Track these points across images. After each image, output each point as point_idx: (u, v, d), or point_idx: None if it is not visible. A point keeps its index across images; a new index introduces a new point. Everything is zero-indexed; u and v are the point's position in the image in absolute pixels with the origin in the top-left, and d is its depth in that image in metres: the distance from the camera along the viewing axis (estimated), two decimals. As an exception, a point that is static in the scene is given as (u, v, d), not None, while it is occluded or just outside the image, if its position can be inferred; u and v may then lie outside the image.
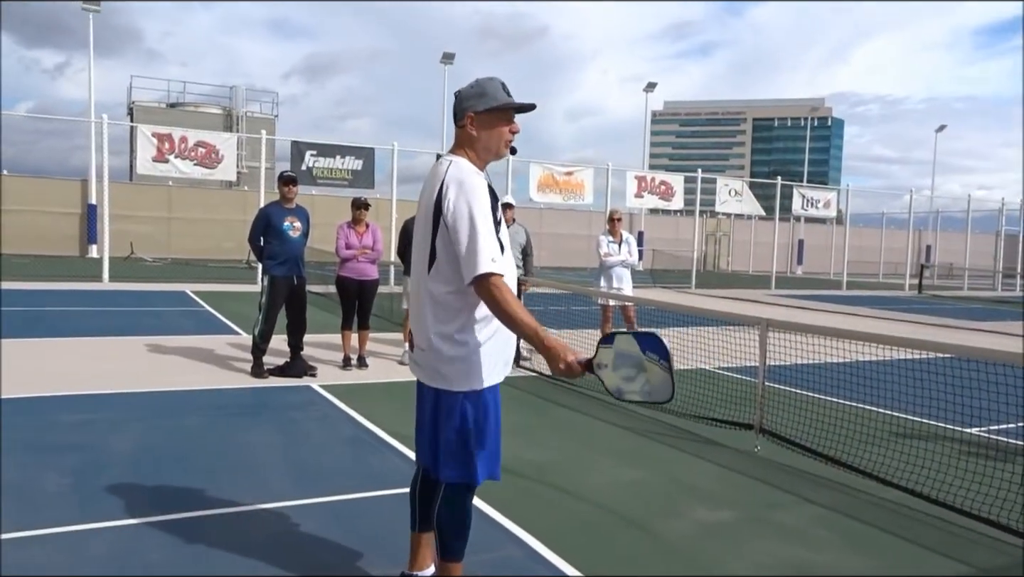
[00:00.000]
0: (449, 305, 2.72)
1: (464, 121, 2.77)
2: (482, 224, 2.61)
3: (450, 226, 2.65)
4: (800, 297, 22.15)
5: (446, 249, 2.69)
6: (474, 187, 2.66)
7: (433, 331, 2.74)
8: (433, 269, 2.74)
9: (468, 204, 2.62)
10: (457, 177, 2.69)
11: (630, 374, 2.56)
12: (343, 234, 8.23)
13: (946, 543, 3.95)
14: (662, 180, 25.49)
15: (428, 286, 2.75)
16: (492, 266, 2.58)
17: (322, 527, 3.82)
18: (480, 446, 2.79)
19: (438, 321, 2.74)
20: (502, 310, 2.58)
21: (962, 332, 14.19)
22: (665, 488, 4.71)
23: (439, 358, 2.74)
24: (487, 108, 2.75)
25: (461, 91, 2.82)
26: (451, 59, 29.14)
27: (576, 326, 10.73)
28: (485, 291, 2.59)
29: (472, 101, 2.76)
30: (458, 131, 2.81)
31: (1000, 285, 32.98)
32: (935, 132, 43.18)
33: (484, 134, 2.77)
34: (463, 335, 2.72)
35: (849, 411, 6.50)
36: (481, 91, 2.76)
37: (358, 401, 6.61)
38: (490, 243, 2.61)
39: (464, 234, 2.60)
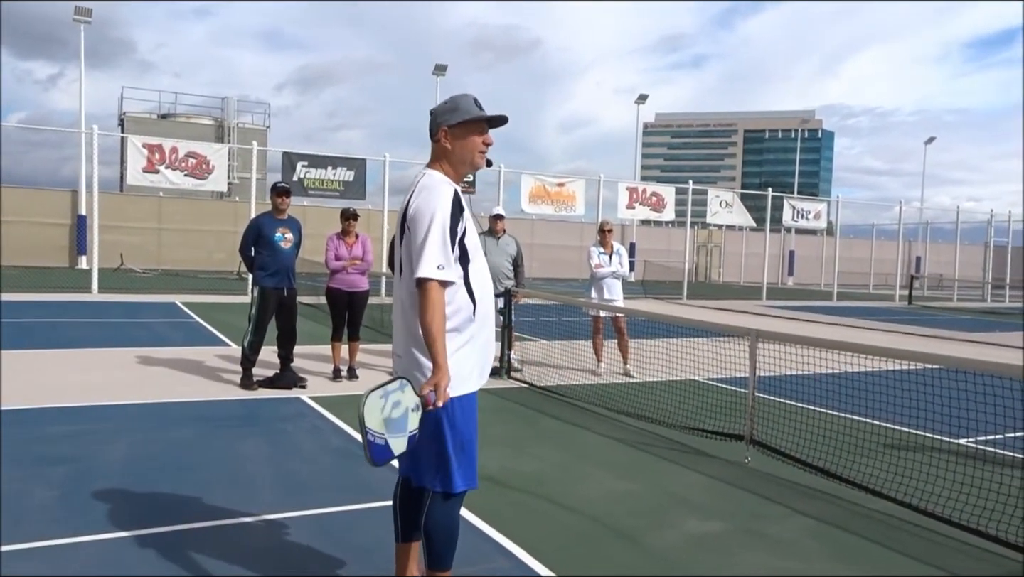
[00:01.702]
0: (415, 312, 2.76)
1: (438, 135, 2.88)
2: (436, 229, 2.68)
3: (410, 229, 2.74)
4: (791, 308, 22.22)
5: (407, 255, 2.78)
6: (439, 195, 2.75)
7: (409, 338, 2.81)
8: (403, 275, 2.83)
9: (428, 209, 2.71)
10: (425, 185, 2.80)
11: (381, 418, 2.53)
12: (332, 245, 8.22)
13: (933, 553, 3.96)
14: (653, 191, 25.57)
15: (403, 293, 2.84)
16: (436, 272, 2.65)
17: (311, 539, 3.80)
18: (458, 453, 2.80)
19: (412, 328, 2.79)
20: (423, 318, 2.64)
21: (952, 343, 14.25)
22: (656, 499, 4.70)
23: (415, 365, 2.78)
24: (459, 121, 2.86)
25: (435, 108, 2.95)
26: (444, 71, 29.26)
27: (567, 337, 10.74)
28: (421, 294, 2.66)
29: (445, 116, 2.88)
30: (433, 145, 2.93)
31: (989, 296, 33.15)
32: (925, 144, 43.61)
33: (457, 146, 2.88)
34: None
35: (839, 422, 6.51)
36: (454, 106, 2.88)
37: (348, 413, 6.58)
38: (440, 249, 2.67)
39: (419, 239, 2.69)
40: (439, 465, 2.80)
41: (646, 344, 9.42)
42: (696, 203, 26.40)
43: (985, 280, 34.15)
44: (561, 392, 7.81)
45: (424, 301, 2.66)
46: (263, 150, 24.38)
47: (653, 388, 7.82)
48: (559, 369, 9.02)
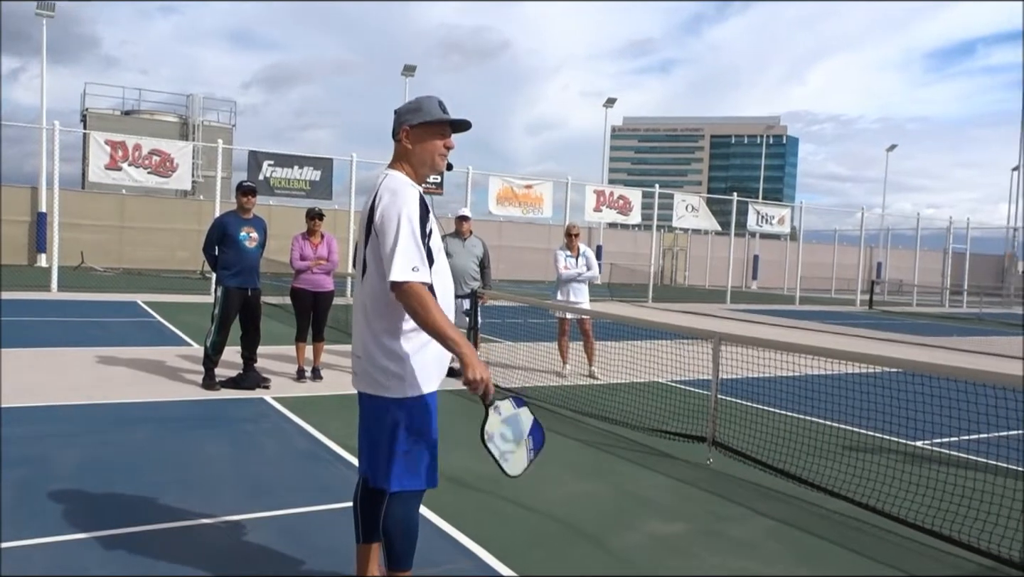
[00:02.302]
0: (382, 312, 2.77)
1: (400, 135, 2.88)
2: (406, 232, 2.68)
3: (378, 233, 2.73)
4: (755, 312, 22.49)
5: (374, 256, 2.76)
6: (405, 197, 2.74)
7: (368, 339, 2.81)
8: (365, 277, 2.81)
9: (396, 212, 2.70)
10: (390, 187, 2.78)
11: (508, 448, 2.87)
12: (298, 245, 8.16)
13: (890, 554, 4.03)
14: (621, 195, 25.75)
15: (363, 293, 2.83)
16: (411, 275, 2.64)
17: (272, 541, 3.76)
18: (417, 453, 2.81)
19: (372, 329, 2.79)
20: (421, 317, 2.65)
21: (910, 347, 14.54)
22: (619, 501, 4.73)
23: (374, 366, 2.79)
24: (421, 122, 2.85)
25: (399, 108, 2.94)
26: (412, 72, 29.17)
27: (533, 338, 10.76)
28: (404, 298, 2.66)
29: (408, 116, 2.87)
30: (396, 145, 2.92)
31: (947, 301, 33.87)
32: (887, 151, 44.41)
33: (418, 147, 2.87)
34: (396, 342, 2.77)
35: (800, 424, 6.60)
36: (417, 106, 2.88)
37: (312, 414, 6.53)
38: (412, 251, 2.67)
39: (389, 242, 2.68)
40: (397, 465, 2.80)
41: (611, 346, 9.47)
42: (662, 207, 26.61)
43: (944, 286, 34.89)
44: (526, 394, 7.80)
45: (411, 303, 2.64)
46: (229, 148, 24.11)
47: (617, 390, 7.87)
48: (524, 371, 9.03)
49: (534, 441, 2.88)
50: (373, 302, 2.79)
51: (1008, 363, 12.34)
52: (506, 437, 2.84)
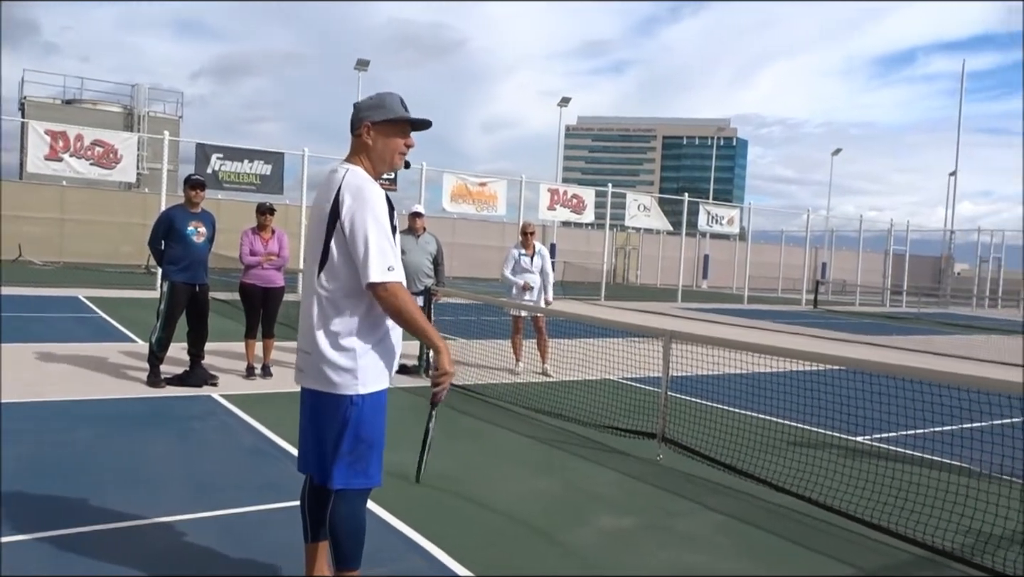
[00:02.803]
0: (337, 307, 2.76)
1: (360, 130, 2.86)
2: (380, 232, 2.70)
3: (348, 232, 2.71)
4: (705, 310, 22.84)
5: (341, 252, 2.74)
6: (372, 194, 2.74)
7: (320, 334, 2.78)
8: (324, 270, 2.78)
9: (367, 211, 2.70)
10: (355, 184, 2.76)
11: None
12: (247, 240, 8.03)
13: (832, 546, 4.14)
14: (574, 193, 25.89)
15: (318, 287, 2.80)
16: (388, 275, 2.68)
17: (219, 541, 3.70)
18: (364, 450, 2.80)
19: (325, 324, 2.77)
20: (404, 316, 2.73)
21: (854, 346, 14.92)
22: (570, 497, 4.76)
23: (325, 362, 2.76)
24: (383, 119, 2.84)
25: (360, 102, 2.92)
26: (366, 66, 28.89)
27: (487, 336, 10.77)
28: (384, 298, 2.69)
29: (369, 112, 2.86)
30: (354, 140, 2.90)
31: (888, 301, 34.84)
32: (832, 155, 45.47)
33: (379, 144, 2.86)
34: (349, 339, 2.76)
35: (747, 421, 6.73)
36: (379, 103, 2.86)
37: (261, 411, 6.44)
38: (387, 251, 2.71)
39: (362, 242, 2.68)
40: (344, 463, 2.78)
41: (565, 344, 9.53)
42: (615, 206, 26.84)
43: (885, 286, 35.88)
44: (479, 391, 7.82)
45: (391, 302, 2.70)
46: (175, 140, 23.58)
47: (570, 387, 7.92)
48: (477, 368, 9.03)
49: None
50: (332, 297, 2.76)
51: (946, 361, 12.76)
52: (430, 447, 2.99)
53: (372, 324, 2.79)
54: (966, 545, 4.09)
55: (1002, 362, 13.15)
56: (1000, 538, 4.21)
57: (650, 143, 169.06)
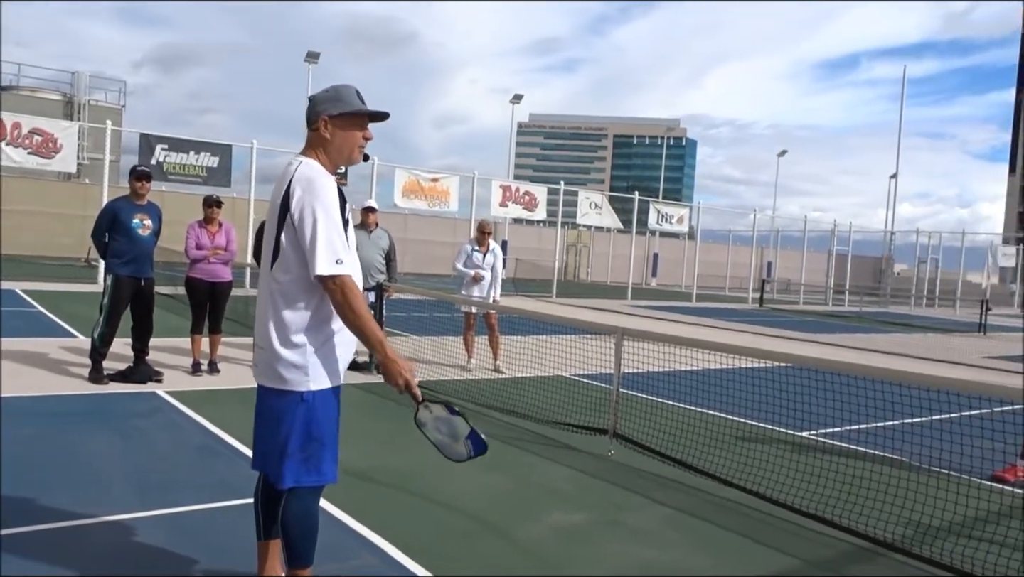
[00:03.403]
0: (289, 302, 2.72)
1: (317, 124, 2.82)
2: (329, 224, 2.65)
3: (297, 224, 2.67)
4: (654, 308, 23.13)
5: (291, 246, 2.70)
6: (323, 187, 2.70)
7: (273, 330, 2.74)
8: (276, 265, 2.74)
9: (316, 203, 2.66)
10: (306, 176, 2.72)
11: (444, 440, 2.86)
12: (194, 233, 7.87)
13: (779, 539, 4.24)
14: (526, 191, 25.94)
15: (271, 283, 2.76)
16: (337, 268, 2.64)
17: (167, 540, 3.62)
18: (317, 448, 2.77)
19: (278, 319, 2.74)
20: (347, 312, 2.65)
21: (799, 343, 15.27)
22: (522, 492, 4.79)
23: (277, 357, 2.73)
24: (341, 113, 2.80)
25: (316, 95, 2.87)
26: (316, 58, 28.51)
27: (439, 332, 10.74)
28: (333, 291, 2.64)
29: (326, 105, 2.81)
30: (310, 134, 2.85)
31: (831, 300, 35.72)
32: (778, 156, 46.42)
33: (337, 137, 2.82)
34: (302, 335, 2.73)
35: (697, 416, 6.84)
36: (336, 96, 2.82)
37: (208, 408, 6.32)
38: (336, 243, 2.66)
39: (309, 234, 2.64)
40: (296, 460, 2.75)
41: (517, 341, 9.57)
42: (567, 203, 26.99)
43: (828, 285, 36.78)
44: (431, 388, 7.79)
45: (337, 297, 2.64)
46: (118, 130, 22.95)
47: (522, 384, 7.95)
48: (429, 364, 9.00)
49: (474, 445, 2.80)
50: (284, 291, 2.73)
51: (886, 359, 13.15)
52: (440, 430, 2.82)
53: (324, 320, 2.75)
54: (906, 536, 4.22)
55: (940, 360, 13.61)
56: (938, 529, 4.36)
57: (601, 142, 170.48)
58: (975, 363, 13.51)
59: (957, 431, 5.08)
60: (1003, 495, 5.22)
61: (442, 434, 2.83)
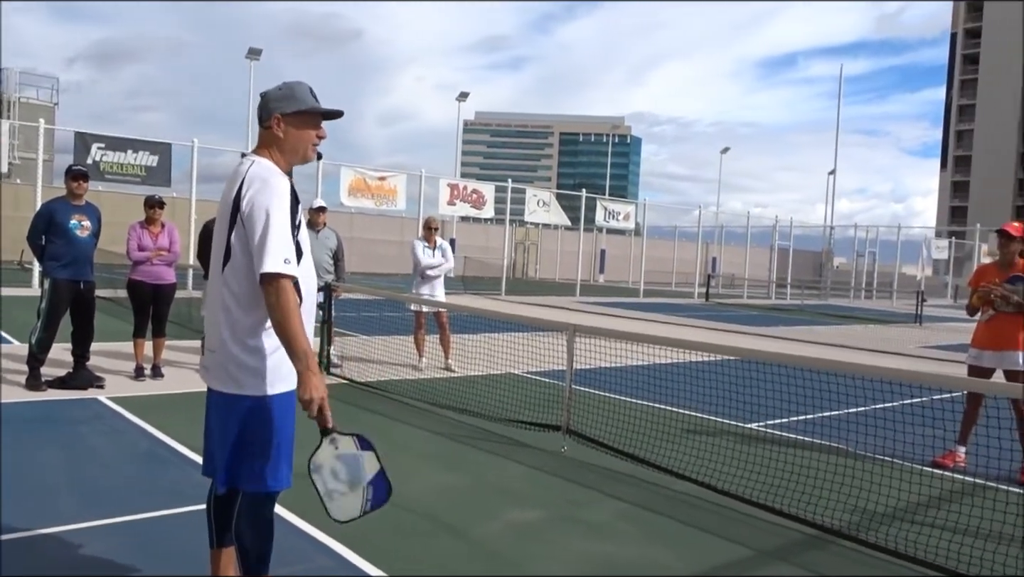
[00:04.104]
0: (244, 305, 2.66)
1: (271, 122, 2.76)
2: (278, 223, 2.59)
3: (247, 223, 2.61)
4: (603, 304, 23.34)
5: (242, 246, 2.64)
6: (275, 186, 2.65)
7: (226, 333, 2.67)
8: (228, 267, 2.68)
9: (266, 201, 2.60)
10: (259, 175, 2.67)
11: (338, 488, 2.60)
12: (135, 235, 7.66)
13: (731, 529, 4.32)
14: (474, 189, 25.91)
15: (222, 285, 2.69)
16: (283, 267, 2.55)
17: (115, 550, 3.52)
18: (273, 452, 2.72)
19: (232, 322, 2.67)
20: (280, 315, 2.53)
21: (744, 337, 15.57)
22: (477, 491, 4.78)
23: (231, 361, 2.67)
24: (295, 111, 2.75)
25: (268, 93, 2.81)
26: (258, 55, 28.00)
27: (388, 332, 10.65)
28: (271, 291, 2.54)
29: (280, 103, 2.76)
30: (263, 132, 2.80)
31: (774, 294, 36.52)
32: (721, 153, 47.25)
33: (291, 136, 2.77)
34: (257, 338, 2.67)
35: (648, 411, 6.93)
36: (290, 93, 2.77)
37: (153, 414, 6.16)
38: (285, 243, 2.58)
39: (259, 230, 2.57)
40: (251, 465, 2.70)
41: (468, 339, 9.55)
42: (515, 201, 27.04)
43: (770, 279, 37.60)
44: (382, 388, 7.74)
45: (276, 299, 2.52)
46: (51, 129, 22.18)
47: (474, 382, 7.94)
48: (380, 364, 8.93)
49: (374, 493, 2.55)
50: (237, 294, 2.66)
51: (828, 350, 13.50)
52: (338, 476, 2.57)
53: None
54: (852, 522, 4.35)
55: (879, 350, 14.03)
56: (882, 515, 4.50)
57: (547, 139, 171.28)
58: (913, 353, 13.97)
59: (899, 419, 5.24)
60: (943, 480, 5.41)
61: (338, 481, 2.58)
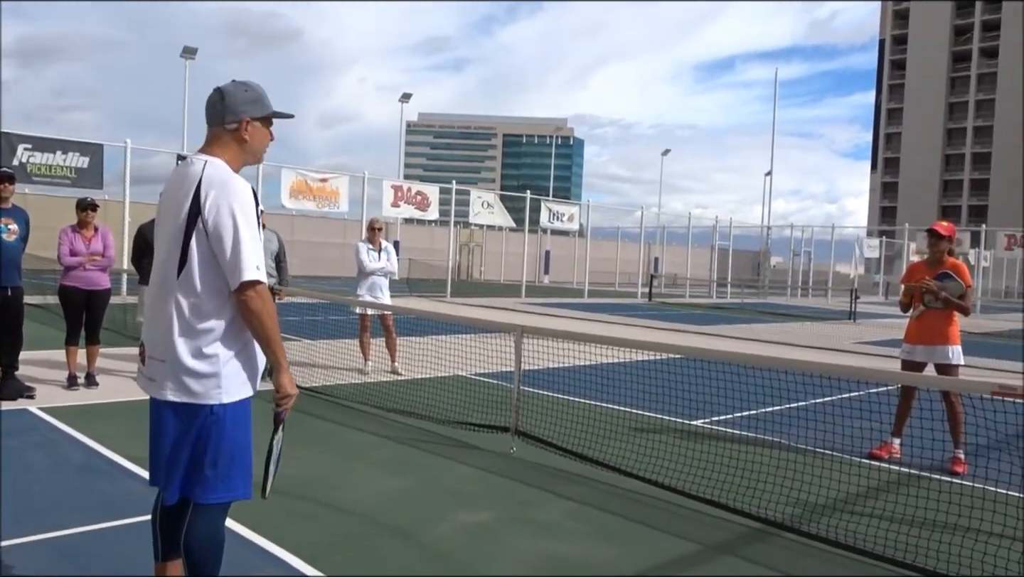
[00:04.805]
0: (200, 312, 2.59)
1: (236, 124, 2.71)
2: (248, 229, 2.57)
3: (212, 229, 2.55)
4: (548, 305, 23.45)
5: (202, 252, 2.57)
6: (240, 190, 2.61)
7: (179, 341, 2.59)
8: (184, 273, 2.60)
9: (233, 207, 2.56)
10: (219, 178, 2.60)
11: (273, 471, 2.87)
12: (67, 239, 7.40)
13: (679, 525, 4.37)
14: (418, 191, 25.76)
15: (175, 292, 2.61)
16: (258, 273, 2.55)
17: (52, 566, 3.39)
18: (229, 462, 2.66)
19: (186, 330, 2.59)
20: (261, 321, 2.57)
21: (687, 335, 15.82)
22: (426, 494, 4.75)
23: (185, 370, 2.59)
24: (263, 115, 2.75)
25: (234, 93, 2.73)
26: (193, 54, 27.39)
27: (333, 336, 10.52)
28: (252, 297, 2.55)
29: (248, 106, 2.73)
30: (220, 132, 2.73)
31: (715, 293, 37.21)
32: (661, 155, 47.97)
33: (255, 139, 2.77)
34: (214, 346, 2.60)
35: (595, 410, 6.98)
36: (256, 97, 2.75)
37: (88, 424, 5.95)
38: (256, 249, 2.58)
39: (229, 239, 2.53)
40: (207, 475, 2.62)
41: (414, 341, 9.49)
42: (459, 203, 26.99)
43: (711, 279, 38.30)
44: (327, 392, 7.63)
45: (254, 305, 2.54)
46: (-26, 129, 21.26)
47: (421, 385, 7.89)
48: (325, 369, 8.80)
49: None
50: (194, 301, 2.58)
51: (769, 347, 13.80)
52: (277, 461, 2.87)
53: (239, 328, 2.64)
54: (795, 515, 4.44)
55: (817, 347, 14.40)
56: (823, 507, 4.62)
57: (491, 141, 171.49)
58: (848, 349, 14.38)
59: (837, 413, 5.38)
60: (880, 471, 5.57)
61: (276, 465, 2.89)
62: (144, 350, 2.71)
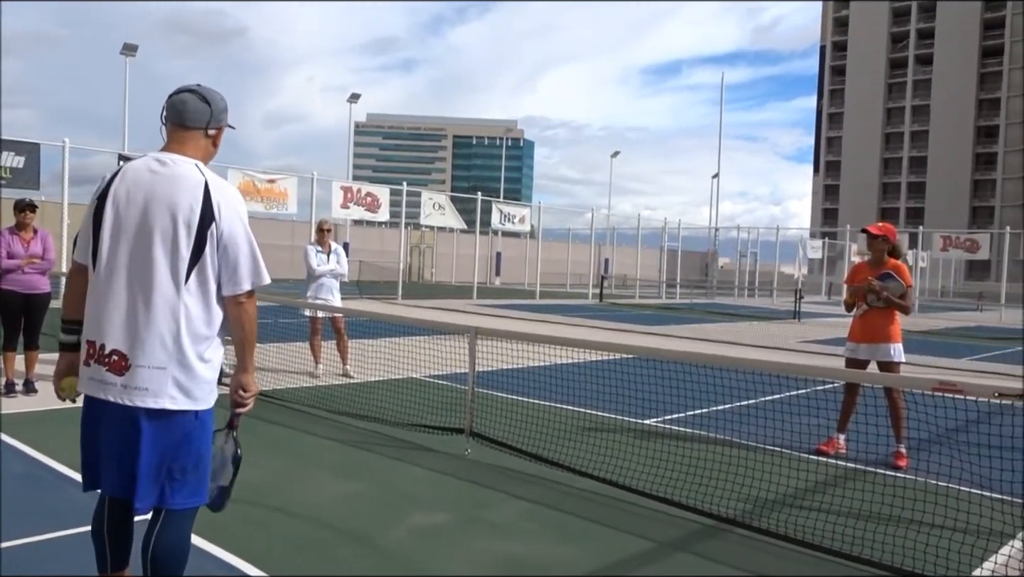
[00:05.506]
0: (208, 320, 2.63)
1: (214, 131, 2.78)
2: (251, 237, 2.70)
3: (227, 237, 2.60)
4: (500, 306, 23.47)
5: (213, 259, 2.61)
6: (239, 197, 2.74)
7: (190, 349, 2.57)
8: (197, 280, 2.59)
9: (241, 214, 2.70)
10: (223, 184, 2.69)
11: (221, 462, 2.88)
12: (4, 241, 7.15)
13: (633, 523, 4.42)
14: (368, 192, 25.55)
15: (184, 296, 2.56)
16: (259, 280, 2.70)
17: (-13, 581, 3.27)
18: (204, 468, 2.69)
19: (195, 337, 2.59)
20: (253, 325, 2.72)
21: (638, 335, 15.99)
22: (381, 497, 4.71)
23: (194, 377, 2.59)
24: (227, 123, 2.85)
25: (216, 99, 2.76)
26: (134, 51, 26.76)
27: (284, 339, 10.36)
28: (250, 303, 2.67)
29: (224, 114, 2.81)
30: (198, 136, 2.73)
31: (664, 293, 37.69)
32: (611, 157, 48.43)
33: (217, 147, 2.86)
34: (211, 352, 2.65)
35: (549, 410, 7.01)
36: (226, 106, 2.81)
37: (27, 432, 5.77)
38: (260, 257, 2.72)
39: (246, 245, 2.64)
40: (185, 482, 2.59)
41: (366, 344, 9.41)
42: (410, 204, 26.84)
43: (660, 280, 38.80)
44: (278, 396, 7.51)
45: (253, 310, 2.69)
46: (-97, 127, 20.44)
47: (374, 388, 7.83)
48: (275, 373, 8.67)
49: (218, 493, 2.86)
50: (202, 307, 2.60)
51: (718, 347, 14.03)
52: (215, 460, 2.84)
53: (221, 336, 2.71)
54: (746, 511, 4.53)
55: (763, 345, 14.69)
56: (772, 502, 4.71)
57: (441, 142, 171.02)
58: (794, 348, 14.70)
59: (784, 410, 5.50)
60: (826, 467, 5.71)
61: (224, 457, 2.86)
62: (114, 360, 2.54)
